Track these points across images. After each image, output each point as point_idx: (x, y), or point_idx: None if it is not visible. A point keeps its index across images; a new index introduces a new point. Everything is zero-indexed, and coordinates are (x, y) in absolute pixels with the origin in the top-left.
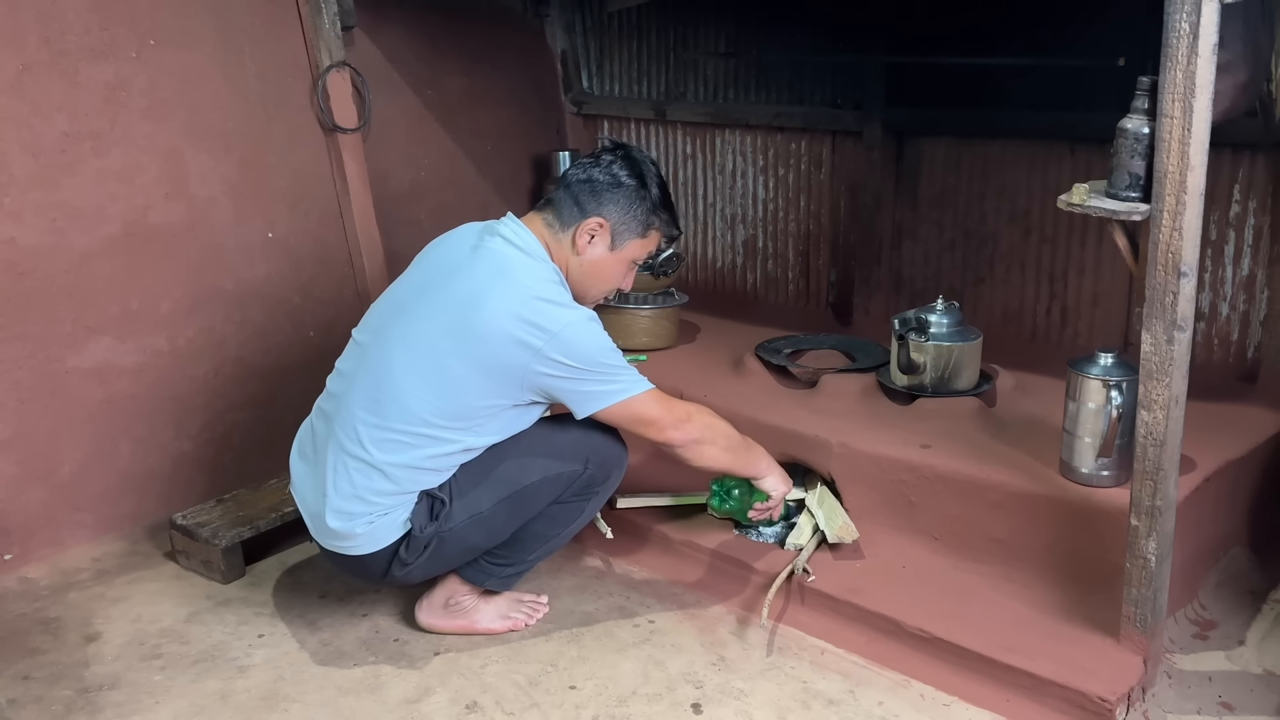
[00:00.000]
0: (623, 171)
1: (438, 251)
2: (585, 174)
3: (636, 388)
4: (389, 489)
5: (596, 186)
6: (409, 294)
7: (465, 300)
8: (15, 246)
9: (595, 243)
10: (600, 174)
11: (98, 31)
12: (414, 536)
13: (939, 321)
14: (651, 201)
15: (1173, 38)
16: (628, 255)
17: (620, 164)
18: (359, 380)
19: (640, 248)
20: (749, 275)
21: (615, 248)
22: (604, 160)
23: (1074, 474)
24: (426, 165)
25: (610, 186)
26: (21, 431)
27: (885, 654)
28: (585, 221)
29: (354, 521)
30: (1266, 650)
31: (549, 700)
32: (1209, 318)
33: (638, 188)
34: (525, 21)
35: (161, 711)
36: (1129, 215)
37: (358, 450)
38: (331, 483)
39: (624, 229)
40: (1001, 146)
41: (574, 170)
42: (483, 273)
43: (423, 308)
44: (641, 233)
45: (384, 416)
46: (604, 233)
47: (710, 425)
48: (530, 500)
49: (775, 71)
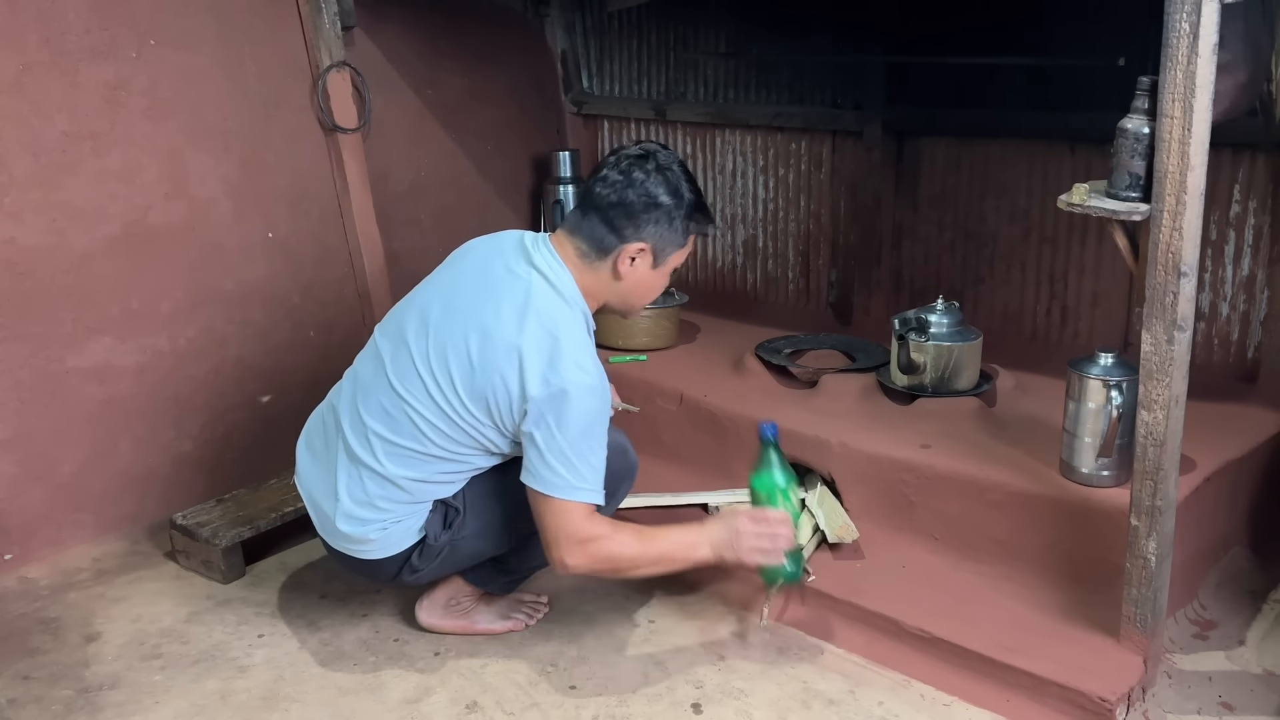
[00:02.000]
0: (659, 189)
1: (470, 261)
2: (618, 195)
3: (575, 494)
4: (403, 498)
5: (632, 209)
6: (433, 306)
7: (488, 329)
8: (15, 246)
9: (638, 265)
10: (634, 195)
11: (98, 31)
12: (428, 545)
13: (939, 321)
14: (687, 209)
15: (1173, 38)
16: (670, 266)
17: (654, 179)
18: (374, 392)
19: (681, 255)
20: (749, 275)
21: (658, 265)
22: (635, 179)
23: (1074, 474)
24: (426, 165)
25: (647, 208)
26: (21, 431)
27: (885, 654)
28: (626, 247)
29: (366, 527)
30: (1266, 650)
31: (549, 700)
32: (1209, 318)
33: (674, 203)
34: (525, 21)
35: (161, 711)
36: (1129, 215)
37: (370, 460)
38: (344, 488)
39: (665, 245)
40: (1001, 146)
41: (602, 190)
42: (508, 308)
43: (444, 329)
44: (682, 243)
45: (397, 434)
46: (646, 255)
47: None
48: None
49: (775, 71)
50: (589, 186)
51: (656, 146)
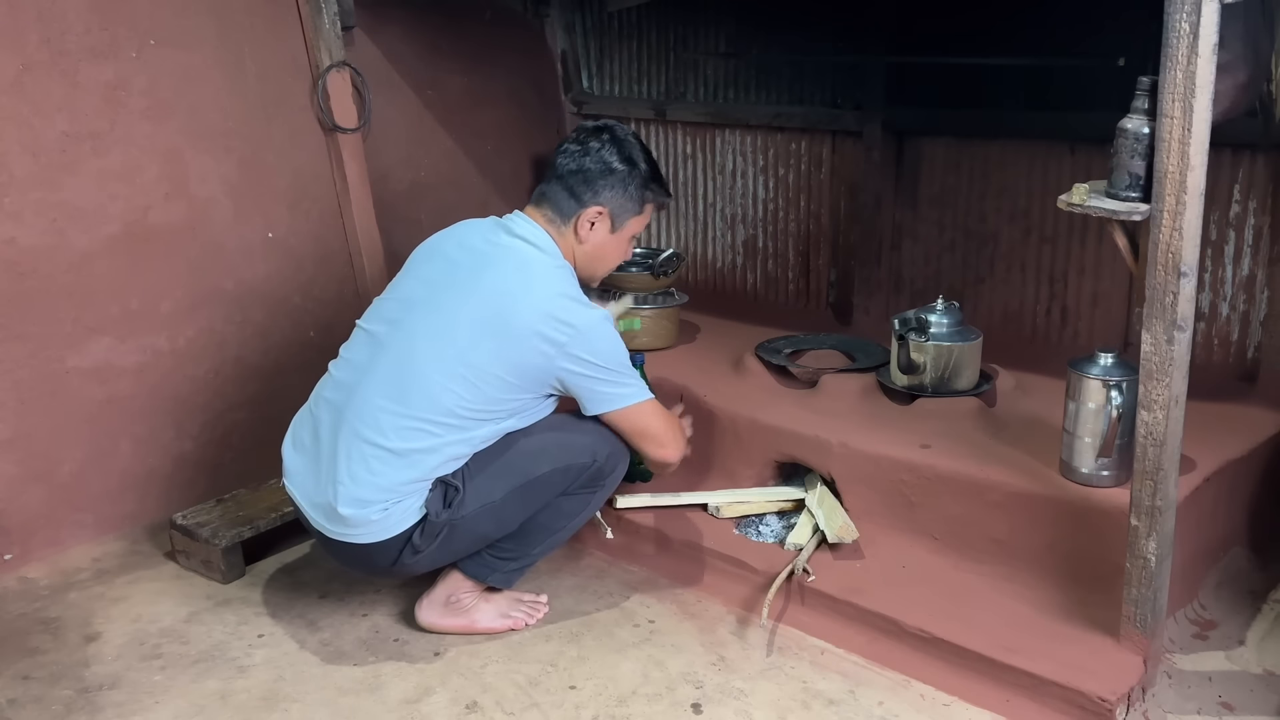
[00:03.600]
0: (613, 156)
1: (449, 245)
2: (576, 164)
3: (642, 394)
4: (410, 476)
5: (589, 175)
6: (429, 286)
7: (497, 296)
8: (15, 246)
9: (596, 228)
10: (591, 162)
11: (98, 31)
12: (430, 521)
13: (939, 321)
14: (642, 178)
15: (1173, 38)
16: (628, 233)
17: (609, 148)
18: (378, 370)
19: (639, 223)
20: (749, 275)
21: (616, 229)
22: (591, 147)
23: (1074, 474)
24: (426, 165)
25: (603, 174)
26: (21, 431)
27: (885, 654)
28: (584, 211)
29: (369, 508)
30: (1266, 650)
31: (549, 700)
32: (1209, 318)
33: (629, 170)
34: (525, 21)
35: (161, 711)
36: (1129, 215)
37: (377, 438)
38: (346, 471)
39: (622, 211)
40: (1001, 146)
41: (563, 160)
42: (511, 270)
43: (448, 301)
44: (638, 210)
45: (408, 405)
46: (604, 219)
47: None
48: (540, 491)
49: (775, 71)
50: (552, 159)
51: (613, 122)
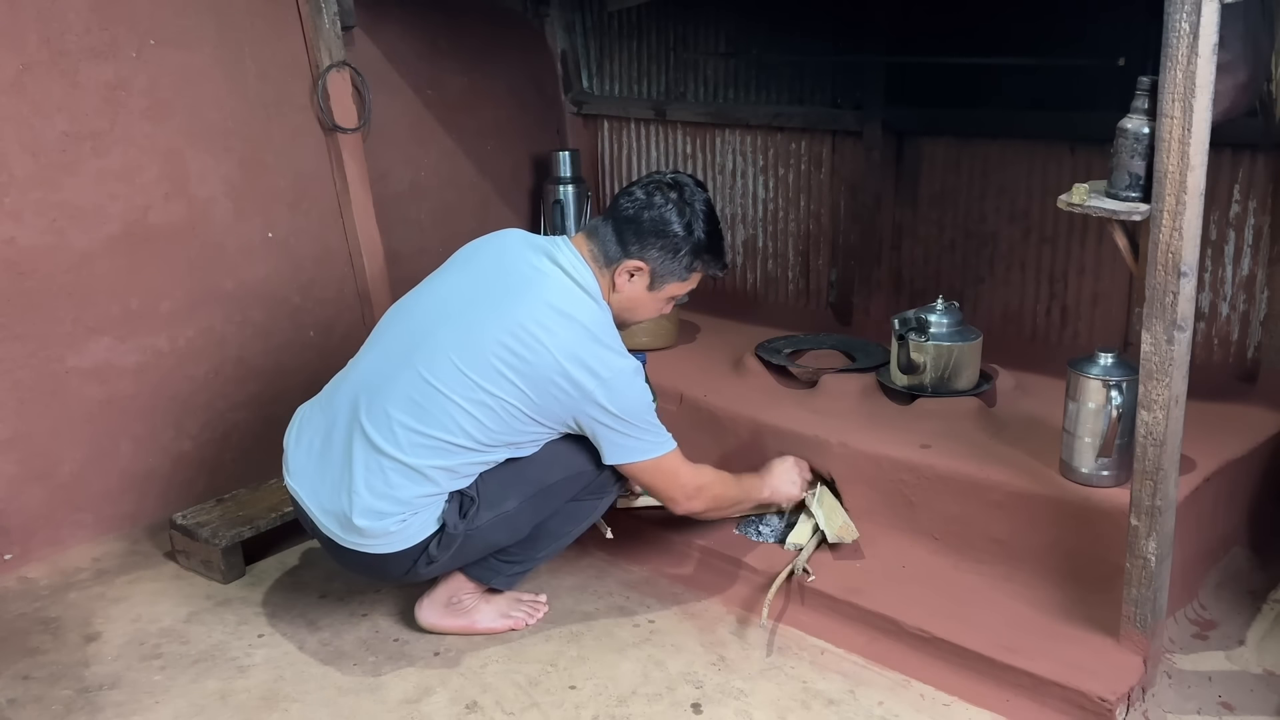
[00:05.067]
0: (673, 216)
1: (486, 259)
2: (634, 211)
3: (661, 448)
4: (427, 490)
5: (642, 229)
6: (462, 300)
7: (527, 330)
8: (15, 246)
9: (635, 281)
10: (649, 216)
11: (98, 31)
12: (447, 533)
13: (939, 321)
14: (695, 246)
15: (1173, 38)
16: (667, 293)
17: (672, 208)
18: (399, 383)
19: (681, 287)
20: (749, 275)
21: (654, 288)
22: (655, 201)
23: (1074, 474)
24: (426, 165)
25: (656, 232)
26: (21, 431)
27: (885, 654)
28: (627, 261)
29: (386, 520)
30: (1266, 650)
31: (549, 700)
32: (1209, 318)
33: (684, 235)
34: (525, 21)
35: (161, 711)
36: (1129, 215)
37: (394, 451)
38: (363, 482)
39: (666, 272)
40: (1001, 146)
41: (624, 202)
42: (545, 304)
43: (479, 322)
44: (683, 276)
45: (427, 424)
46: (643, 275)
47: (717, 497)
48: (551, 498)
49: (775, 71)
50: (615, 197)
51: (690, 180)
